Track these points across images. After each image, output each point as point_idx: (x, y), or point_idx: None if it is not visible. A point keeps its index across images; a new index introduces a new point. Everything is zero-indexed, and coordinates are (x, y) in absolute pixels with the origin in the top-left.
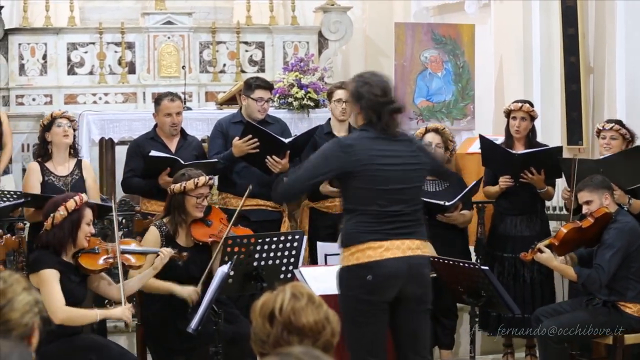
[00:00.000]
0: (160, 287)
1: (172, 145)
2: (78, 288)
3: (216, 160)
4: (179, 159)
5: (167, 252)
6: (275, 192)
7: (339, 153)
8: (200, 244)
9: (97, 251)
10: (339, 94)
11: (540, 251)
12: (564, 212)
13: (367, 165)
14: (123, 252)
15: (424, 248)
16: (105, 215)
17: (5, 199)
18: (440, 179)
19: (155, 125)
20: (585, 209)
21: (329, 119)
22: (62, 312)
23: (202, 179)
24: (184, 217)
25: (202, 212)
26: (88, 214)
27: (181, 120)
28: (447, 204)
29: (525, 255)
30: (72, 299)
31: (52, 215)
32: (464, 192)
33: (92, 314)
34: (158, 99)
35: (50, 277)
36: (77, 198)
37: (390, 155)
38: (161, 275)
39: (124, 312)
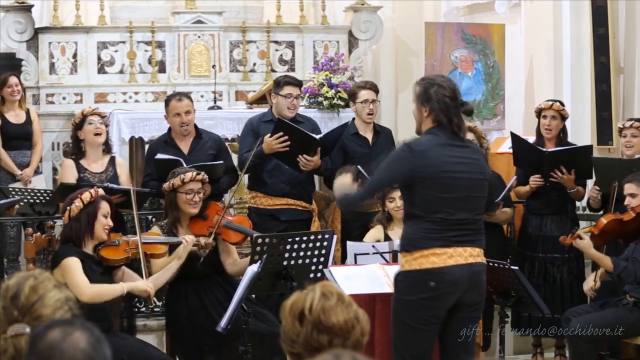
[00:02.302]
0: (166, 273)
1: (185, 146)
2: (101, 278)
3: (221, 162)
4: (181, 160)
5: (190, 240)
6: (344, 203)
7: (411, 159)
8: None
9: (117, 243)
10: (364, 94)
11: (580, 238)
12: (595, 212)
13: (439, 173)
14: (144, 242)
15: (482, 256)
16: (143, 203)
17: (36, 198)
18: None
19: (170, 128)
20: (627, 201)
21: (354, 119)
22: (89, 288)
23: (188, 174)
24: (177, 214)
25: (196, 209)
26: (104, 206)
27: (192, 119)
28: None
29: (564, 239)
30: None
31: (68, 208)
32: (507, 188)
33: (119, 287)
34: (166, 100)
35: (73, 263)
36: (92, 190)
37: (460, 162)
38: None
39: (147, 283)
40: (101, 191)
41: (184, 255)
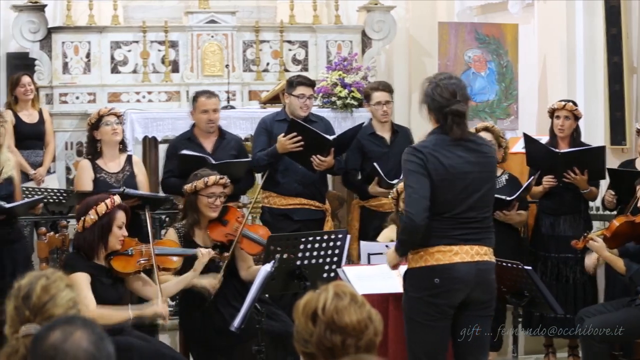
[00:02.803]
0: (180, 283)
1: (209, 145)
2: (110, 290)
3: (248, 159)
4: (209, 158)
5: (207, 253)
6: (405, 245)
7: (418, 161)
8: (218, 243)
9: (130, 253)
10: (377, 96)
11: (592, 241)
12: (607, 212)
13: (443, 171)
14: (158, 254)
15: (491, 255)
16: (159, 208)
17: (49, 197)
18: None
19: (193, 126)
20: None
21: (371, 119)
22: (92, 311)
23: (212, 178)
24: (197, 217)
25: (216, 212)
26: (120, 216)
27: (218, 118)
28: (508, 198)
29: (576, 243)
30: (104, 302)
31: (83, 218)
32: (523, 187)
33: (125, 314)
34: (195, 96)
35: (80, 281)
36: (108, 201)
37: (464, 160)
38: (182, 274)
39: (157, 308)
40: (117, 199)
41: (199, 268)
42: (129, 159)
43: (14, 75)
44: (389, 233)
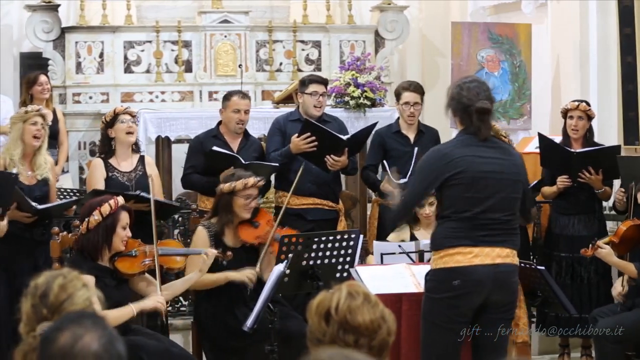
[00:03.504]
0: (215, 280)
1: (235, 144)
2: (114, 292)
3: (276, 164)
4: (240, 158)
5: (211, 253)
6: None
7: (438, 163)
8: (247, 245)
9: (134, 254)
10: (407, 96)
11: (600, 248)
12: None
13: (466, 172)
14: (162, 254)
15: (513, 257)
16: (170, 216)
17: (63, 197)
18: None
19: (219, 124)
20: None
21: (398, 117)
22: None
23: (252, 180)
24: (230, 217)
25: (250, 214)
26: (124, 217)
27: (248, 119)
28: None
29: (585, 251)
30: (108, 303)
31: (87, 219)
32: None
33: (129, 310)
34: (227, 95)
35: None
36: (112, 202)
37: (490, 162)
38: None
39: (156, 300)
40: (121, 200)
41: (205, 269)
42: (142, 159)
43: (31, 74)
44: (400, 233)
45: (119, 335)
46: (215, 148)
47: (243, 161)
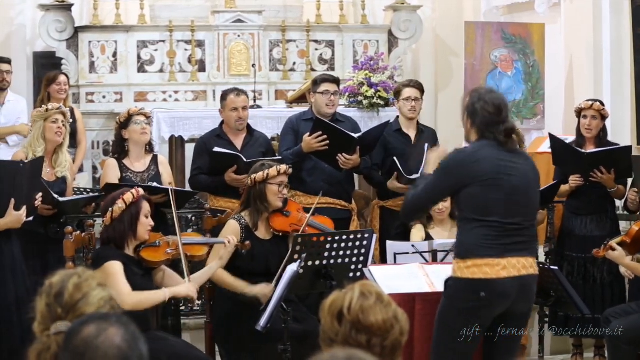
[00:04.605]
0: (233, 284)
1: (238, 142)
2: (142, 280)
3: (280, 157)
4: (241, 156)
5: (233, 241)
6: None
7: (462, 164)
8: (280, 234)
9: (158, 244)
10: (407, 92)
11: (612, 249)
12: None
13: (492, 174)
14: (184, 243)
15: (535, 265)
16: (186, 202)
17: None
18: None
19: (222, 123)
20: None
21: (397, 116)
22: (131, 297)
23: (283, 167)
24: (266, 205)
25: (282, 202)
26: (146, 206)
27: (247, 115)
28: None
29: (597, 252)
30: (136, 290)
31: (110, 209)
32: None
33: (161, 294)
34: (224, 94)
35: (115, 268)
36: (133, 191)
37: (512, 166)
38: (240, 268)
39: (188, 288)
40: (142, 191)
41: (226, 257)
42: (155, 159)
43: (51, 73)
44: (420, 233)
45: (142, 336)
46: (216, 149)
47: (245, 159)
